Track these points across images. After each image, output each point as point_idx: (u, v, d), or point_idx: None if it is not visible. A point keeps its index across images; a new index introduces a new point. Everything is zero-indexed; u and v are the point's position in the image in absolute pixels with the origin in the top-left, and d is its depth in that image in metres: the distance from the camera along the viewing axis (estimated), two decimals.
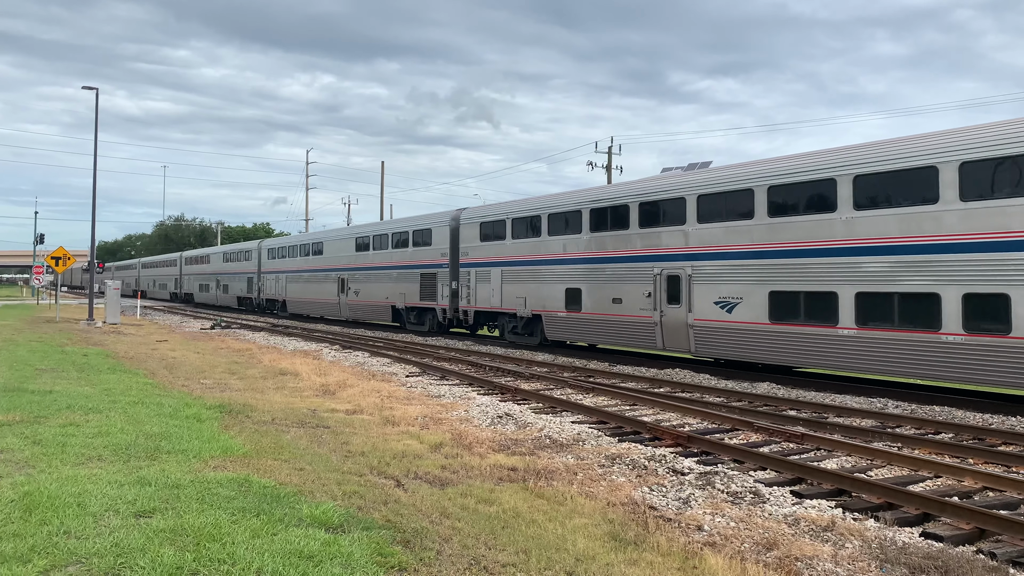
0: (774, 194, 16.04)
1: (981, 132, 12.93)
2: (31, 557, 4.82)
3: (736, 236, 16.74)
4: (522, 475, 8.00)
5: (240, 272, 52.23)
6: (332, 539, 5.35)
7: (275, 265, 45.99)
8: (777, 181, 15.99)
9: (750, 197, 16.46)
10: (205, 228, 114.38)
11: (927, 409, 12.94)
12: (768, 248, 16.06)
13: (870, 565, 5.68)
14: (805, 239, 15.35)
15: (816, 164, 15.30)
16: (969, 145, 12.90)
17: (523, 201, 25.10)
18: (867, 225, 14.29)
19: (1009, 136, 12.47)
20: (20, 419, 9.50)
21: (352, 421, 10.95)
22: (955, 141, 13.16)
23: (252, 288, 49.44)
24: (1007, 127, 12.63)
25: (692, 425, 11.53)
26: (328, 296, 38.32)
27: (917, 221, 13.55)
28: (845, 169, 14.67)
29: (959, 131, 13.35)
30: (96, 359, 17.90)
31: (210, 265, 58.63)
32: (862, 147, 14.79)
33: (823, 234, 15.01)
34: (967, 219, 12.87)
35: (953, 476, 8.38)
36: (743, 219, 16.60)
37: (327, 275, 38.72)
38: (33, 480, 6.58)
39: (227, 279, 54.20)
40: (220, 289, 55.43)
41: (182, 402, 11.51)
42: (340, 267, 37.58)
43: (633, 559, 5.52)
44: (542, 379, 16.36)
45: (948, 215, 13.12)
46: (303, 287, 41.73)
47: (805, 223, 15.38)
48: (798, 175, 15.57)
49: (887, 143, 14.40)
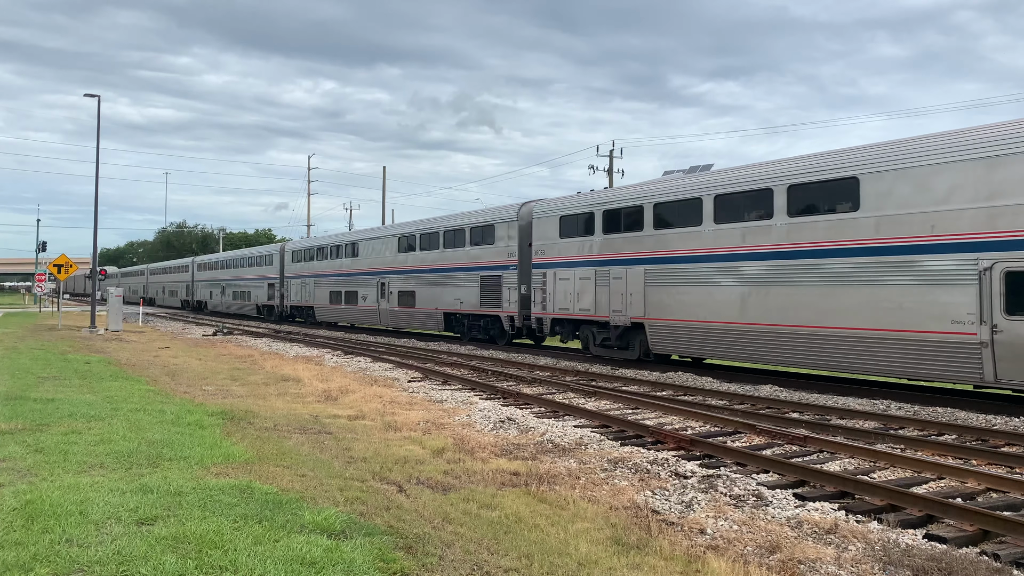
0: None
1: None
2: (33, 566, 4.82)
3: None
4: (524, 480, 7.99)
5: (260, 278, 48.22)
6: (334, 545, 5.34)
7: (301, 269, 42.06)
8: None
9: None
10: (207, 234, 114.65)
11: (930, 410, 12.91)
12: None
13: (873, 568, 5.66)
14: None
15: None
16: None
17: (619, 190, 21.62)
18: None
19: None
20: (22, 427, 9.50)
21: (354, 427, 10.94)
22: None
23: (274, 295, 45.44)
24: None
25: (695, 428, 11.51)
26: (365, 303, 34.38)
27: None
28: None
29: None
30: (98, 366, 17.91)
31: (226, 271, 55.19)
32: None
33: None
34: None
35: (956, 478, 8.36)
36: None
37: (365, 279, 34.60)
38: (35, 488, 6.58)
39: (245, 285, 50.65)
40: (237, 296, 52.09)
41: (184, 409, 11.51)
42: (380, 270, 33.30)
43: (636, 563, 5.51)
44: (544, 383, 16.35)
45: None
46: (335, 293, 37.53)
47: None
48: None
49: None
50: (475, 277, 26.52)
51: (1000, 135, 12.67)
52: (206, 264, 61.23)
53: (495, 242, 25.70)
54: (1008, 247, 12.46)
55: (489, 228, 26.13)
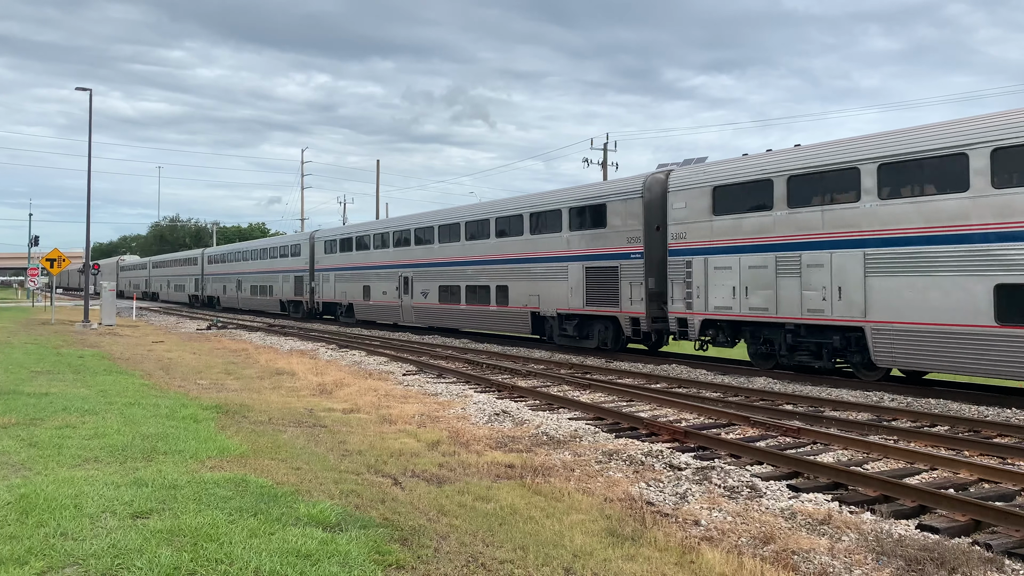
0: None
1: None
2: (28, 559, 4.81)
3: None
4: (519, 472, 8.01)
5: (284, 271, 42.88)
6: (330, 538, 5.35)
7: (335, 260, 37.07)
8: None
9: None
10: (200, 228, 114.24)
11: (923, 402, 12.97)
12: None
13: (867, 557, 5.70)
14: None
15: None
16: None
17: (814, 147, 15.67)
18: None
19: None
20: (16, 421, 9.48)
21: (349, 420, 10.95)
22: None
23: (302, 289, 40.24)
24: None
25: (689, 420, 11.54)
26: (426, 299, 28.95)
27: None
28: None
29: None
30: (92, 361, 17.86)
31: (243, 263, 49.44)
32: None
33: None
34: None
35: (949, 468, 8.40)
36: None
37: (424, 272, 29.18)
38: (30, 482, 6.57)
39: (266, 279, 45.32)
40: (257, 291, 46.88)
41: (178, 403, 11.49)
42: (441, 261, 27.97)
43: (631, 554, 5.53)
44: (539, 376, 16.37)
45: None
46: (377, 287, 32.68)
47: None
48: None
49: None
50: (579, 268, 21.33)
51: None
52: (219, 257, 55.07)
53: (608, 224, 20.39)
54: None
55: (600, 209, 20.79)
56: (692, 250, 17.82)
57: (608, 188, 21.26)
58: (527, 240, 23.61)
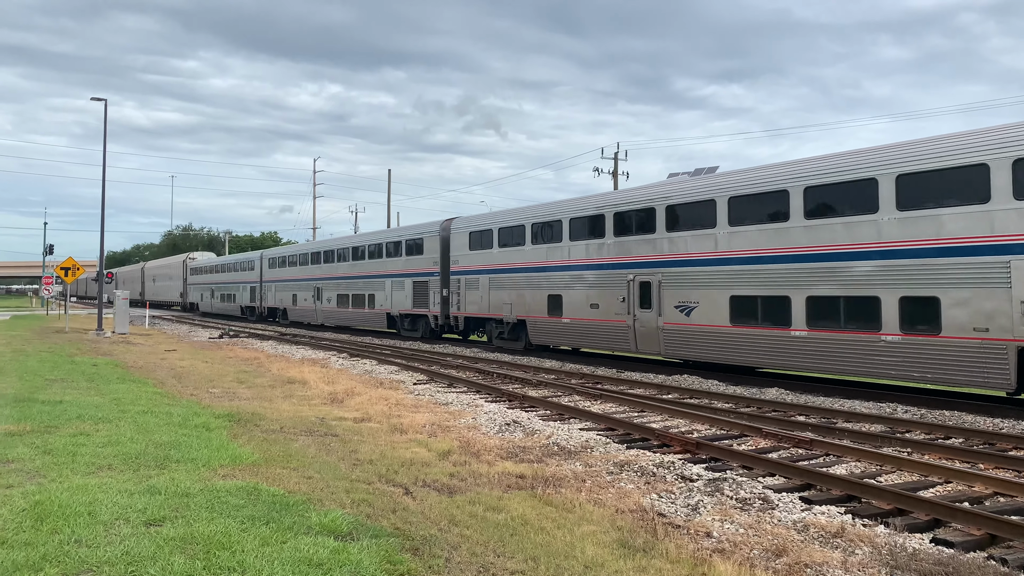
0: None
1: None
2: (43, 566, 4.85)
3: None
4: (530, 482, 8.00)
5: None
6: (341, 547, 5.36)
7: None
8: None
9: None
10: (213, 237, 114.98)
11: (937, 414, 12.87)
12: None
13: (880, 572, 5.65)
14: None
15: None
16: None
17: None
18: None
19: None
20: (31, 429, 9.55)
21: (360, 429, 10.96)
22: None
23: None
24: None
25: (700, 431, 11.50)
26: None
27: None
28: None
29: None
30: (105, 369, 17.98)
31: (327, 265, 39.41)
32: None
33: None
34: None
35: (963, 481, 8.33)
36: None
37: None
38: (44, 489, 6.62)
39: (363, 286, 35.22)
40: (345, 301, 36.83)
41: (191, 411, 11.54)
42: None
43: (642, 566, 5.51)
44: (550, 386, 16.35)
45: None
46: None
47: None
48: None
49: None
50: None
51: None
52: (286, 259, 46.44)
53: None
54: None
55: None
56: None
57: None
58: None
